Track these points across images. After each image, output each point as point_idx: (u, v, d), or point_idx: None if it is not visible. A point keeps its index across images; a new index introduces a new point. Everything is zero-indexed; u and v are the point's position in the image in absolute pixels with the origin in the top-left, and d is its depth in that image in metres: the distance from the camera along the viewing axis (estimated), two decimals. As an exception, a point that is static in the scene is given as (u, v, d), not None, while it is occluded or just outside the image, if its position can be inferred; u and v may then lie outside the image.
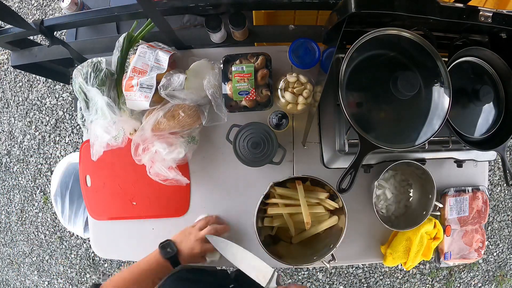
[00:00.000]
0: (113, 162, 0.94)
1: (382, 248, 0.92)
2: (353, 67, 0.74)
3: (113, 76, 0.87)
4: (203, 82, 0.83)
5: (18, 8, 2.05)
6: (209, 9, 0.85)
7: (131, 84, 0.83)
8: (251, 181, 0.91)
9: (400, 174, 0.93)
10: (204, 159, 0.92)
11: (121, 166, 0.93)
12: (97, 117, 0.83)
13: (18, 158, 2.00)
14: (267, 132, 0.82)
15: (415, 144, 0.73)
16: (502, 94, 0.84)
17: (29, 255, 2.01)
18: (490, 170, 1.91)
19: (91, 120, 0.84)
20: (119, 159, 0.93)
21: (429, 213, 0.85)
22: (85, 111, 0.86)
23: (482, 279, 1.93)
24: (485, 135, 0.83)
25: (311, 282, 1.88)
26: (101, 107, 0.82)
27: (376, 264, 1.89)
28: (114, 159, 0.93)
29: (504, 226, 1.95)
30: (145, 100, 0.81)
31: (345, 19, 0.66)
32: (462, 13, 0.69)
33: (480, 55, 0.83)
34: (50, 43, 0.91)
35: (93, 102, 0.84)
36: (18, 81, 2.01)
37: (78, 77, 0.85)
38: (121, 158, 0.92)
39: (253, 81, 0.80)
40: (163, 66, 0.83)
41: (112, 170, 0.94)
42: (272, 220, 0.84)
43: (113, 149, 0.86)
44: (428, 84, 0.74)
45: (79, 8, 1.25)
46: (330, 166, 0.87)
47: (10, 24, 0.82)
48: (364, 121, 0.73)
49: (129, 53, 0.89)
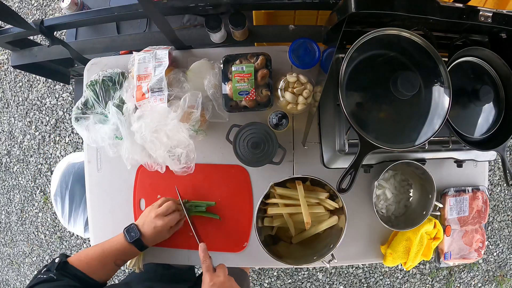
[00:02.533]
0: (168, 186, 0.92)
1: (382, 248, 0.92)
2: (353, 67, 0.74)
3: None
4: (204, 82, 0.83)
5: (18, 8, 2.05)
6: (209, 9, 0.85)
7: (142, 92, 0.83)
8: (251, 181, 0.91)
9: (400, 174, 0.93)
10: (204, 159, 0.92)
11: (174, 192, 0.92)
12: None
13: (18, 158, 2.00)
14: (267, 132, 0.82)
15: (415, 144, 0.73)
16: (502, 94, 0.84)
17: (29, 255, 2.01)
18: (490, 170, 1.91)
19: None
20: (173, 182, 0.92)
21: (429, 213, 0.85)
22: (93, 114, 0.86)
23: (482, 279, 1.93)
24: (485, 135, 0.83)
25: (311, 282, 1.88)
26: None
27: (376, 264, 1.89)
28: (168, 183, 0.92)
29: (504, 226, 1.95)
30: (161, 103, 0.80)
31: (345, 19, 0.66)
32: (462, 13, 0.69)
33: (480, 55, 0.83)
34: (50, 43, 0.91)
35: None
36: (18, 81, 2.01)
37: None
38: (176, 181, 0.91)
39: (253, 81, 0.80)
40: (164, 62, 0.84)
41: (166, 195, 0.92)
42: (272, 220, 0.84)
43: (170, 176, 0.88)
44: (428, 84, 0.74)
45: (79, 8, 1.25)
46: (330, 166, 0.87)
47: (10, 24, 0.82)
48: (364, 121, 0.73)
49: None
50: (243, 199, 0.90)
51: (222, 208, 0.91)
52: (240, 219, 0.91)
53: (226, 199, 0.91)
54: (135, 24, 1.28)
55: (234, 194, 0.91)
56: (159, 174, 0.90)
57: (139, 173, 0.94)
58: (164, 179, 0.92)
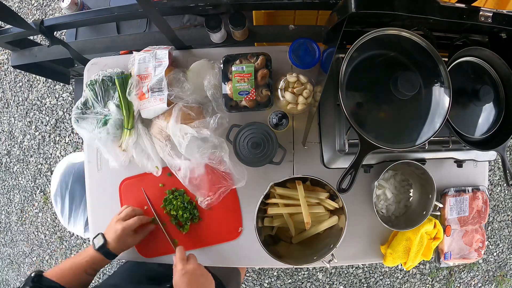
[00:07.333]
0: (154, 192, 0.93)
1: (382, 248, 0.92)
2: (353, 67, 0.74)
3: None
4: (204, 82, 0.83)
5: (18, 8, 2.05)
6: (209, 9, 0.85)
7: (142, 92, 0.83)
8: (251, 181, 0.91)
9: (400, 174, 0.93)
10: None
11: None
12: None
13: (18, 158, 2.00)
14: (267, 132, 0.82)
15: (415, 144, 0.73)
16: (502, 94, 0.84)
17: (29, 255, 2.01)
18: (490, 170, 1.91)
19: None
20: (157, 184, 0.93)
21: (429, 213, 0.85)
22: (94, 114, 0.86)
23: (482, 279, 1.93)
24: (485, 135, 0.83)
25: (311, 282, 1.88)
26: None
27: (376, 264, 1.89)
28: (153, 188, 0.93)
29: (504, 226, 1.95)
30: (161, 103, 0.81)
31: (345, 19, 0.66)
32: (462, 13, 0.69)
33: (480, 55, 0.82)
34: (50, 43, 0.91)
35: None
36: (18, 81, 2.01)
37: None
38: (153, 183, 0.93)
39: (253, 81, 0.80)
40: (164, 62, 0.84)
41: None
42: (272, 220, 0.84)
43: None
44: (428, 84, 0.74)
45: (79, 8, 1.25)
46: (330, 166, 0.87)
47: (10, 24, 0.82)
48: (364, 121, 0.73)
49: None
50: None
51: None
52: (227, 203, 0.90)
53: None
54: (135, 24, 1.28)
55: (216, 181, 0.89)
56: (143, 181, 0.92)
57: (121, 187, 0.94)
58: (148, 185, 0.93)
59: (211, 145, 0.83)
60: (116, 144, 0.88)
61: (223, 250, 0.92)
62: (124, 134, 0.86)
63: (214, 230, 0.92)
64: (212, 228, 0.92)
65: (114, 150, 0.88)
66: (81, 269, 0.79)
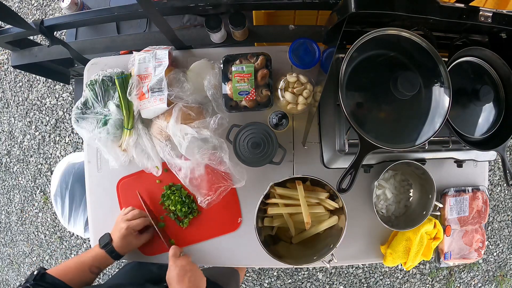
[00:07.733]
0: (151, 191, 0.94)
1: (382, 248, 0.92)
2: (353, 67, 0.74)
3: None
4: (204, 82, 0.83)
5: (18, 8, 2.05)
6: (209, 9, 0.85)
7: (142, 92, 0.84)
8: (251, 181, 0.91)
9: (400, 174, 0.93)
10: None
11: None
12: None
13: (18, 158, 2.00)
14: (267, 132, 0.82)
15: (415, 144, 0.73)
16: (502, 94, 0.84)
17: (29, 255, 2.01)
18: (490, 170, 1.91)
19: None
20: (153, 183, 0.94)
21: (429, 213, 0.85)
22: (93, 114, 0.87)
23: (482, 279, 1.93)
24: (485, 135, 0.83)
25: (311, 282, 1.88)
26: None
27: (376, 264, 1.89)
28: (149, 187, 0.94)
29: (504, 226, 1.95)
30: (161, 103, 0.82)
31: (345, 19, 0.66)
32: (462, 13, 0.69)
33: (480, 55, 0.82)
34: (50, 43, 0.91)
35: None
36: (18, 81, 2.01)
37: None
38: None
39: (253, 81, 0.80)
40: (164, 62, 0.84)
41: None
42: (272, 220, 0.84)
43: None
44: (428, 84, 0.74)
45: (79, 8, 1.25)
46: (330, 166, 0.87)
47: (10, 24, 0.82)
48: (364, 121, 0.73)
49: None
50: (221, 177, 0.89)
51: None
52: (226, 197, 0.89)
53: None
54: (135, 24, 1.28)
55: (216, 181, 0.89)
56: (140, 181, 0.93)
57: (119, 186, 0.94)
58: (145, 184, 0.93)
59: (211, 145, 0.83)
60: (116, 144, 0.88)
61: (223, 249, 0.92)
62: (124, 134, 0.86)
63: (214, 222, 0.92)
64: (212, 220, 0.92)
65: (114, 150, 0.88)
66: (85, 267, 0.81)
